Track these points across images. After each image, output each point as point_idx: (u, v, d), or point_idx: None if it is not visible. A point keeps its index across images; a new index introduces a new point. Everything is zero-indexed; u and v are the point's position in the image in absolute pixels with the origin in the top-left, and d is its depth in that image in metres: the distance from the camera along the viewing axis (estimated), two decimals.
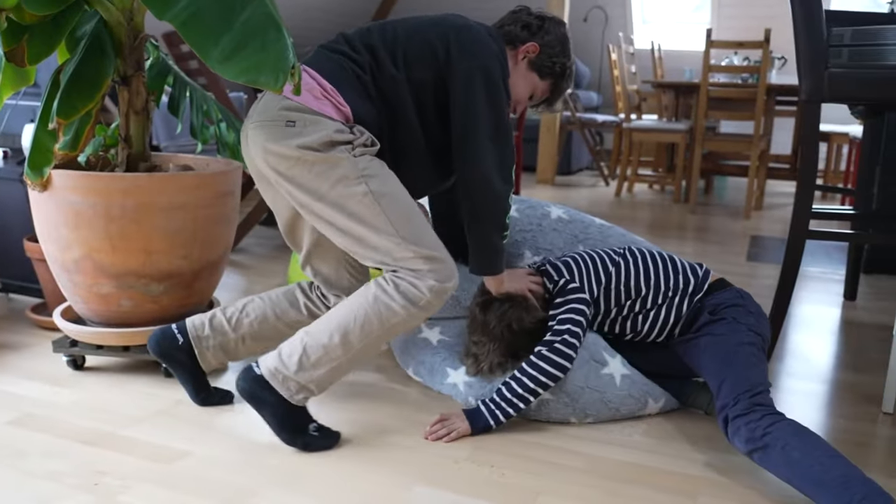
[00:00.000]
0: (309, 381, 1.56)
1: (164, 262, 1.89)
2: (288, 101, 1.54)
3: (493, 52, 1.64)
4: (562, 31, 1.78)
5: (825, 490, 1.37)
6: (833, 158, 5.70)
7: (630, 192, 5.72)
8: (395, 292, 1.55)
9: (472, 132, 1.60)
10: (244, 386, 1.57)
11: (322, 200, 1.55)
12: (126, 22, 1.84)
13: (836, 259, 3.67)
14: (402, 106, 1.61)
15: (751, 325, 1.72)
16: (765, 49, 4.51)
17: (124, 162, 1.96)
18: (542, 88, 1.80)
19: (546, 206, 2.16)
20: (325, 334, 1.55)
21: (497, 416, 1.69)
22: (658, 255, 1.90)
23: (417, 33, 1.63)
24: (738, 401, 1.55)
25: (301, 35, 7.42)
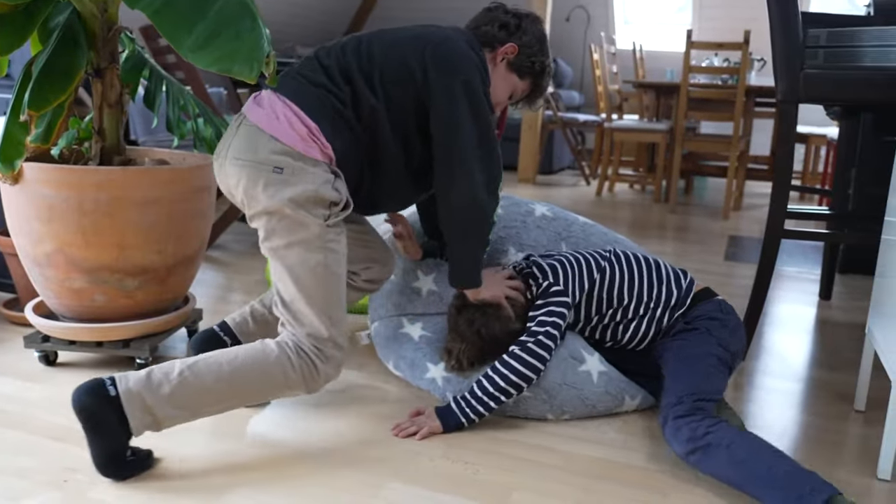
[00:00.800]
0: (165, 418, 1.45)
1: (138, 256, 1.87)
2: (276, 143, 1.49)
3: (473, 63, 1.60)
4: (539, 29, 1.76)
5: (773, 486, 1.38)
6: (811, 160, 5.75)
7: (611, 191, 5.74)
8: (297, 365, 1.51)
9: (457, 150, 1.57)
10: (85, 401, 1.40)
11: (274, 249, 1.52)
12: (100, 13, 1.82)
13: (812, 259, 3.70)
14: (382, 134, 1.58)
15: (722, 339, 1.73)
16: (744, 50, 4.54)
17: (98, 155, 1.94)
18: (521, 88, 1.78)
19: (530, 204, 2.16)
20: (211, 377, 1.47)
21: (468, 415, 1.69)
22: (644, 260, 1.89)
23: (394, 53, 1.58)
24: (682, 402, 1.56)
25: (283, 31, 7.39)
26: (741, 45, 4.55)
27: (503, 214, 2.09)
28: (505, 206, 2.09)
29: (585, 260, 1.87)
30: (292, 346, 1.53)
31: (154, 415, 1.44)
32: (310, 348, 1.53)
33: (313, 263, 1.51)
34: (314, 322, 1.52)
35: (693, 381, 1.62)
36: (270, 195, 1.48)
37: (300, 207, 1.49)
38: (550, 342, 1.71)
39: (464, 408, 1.69)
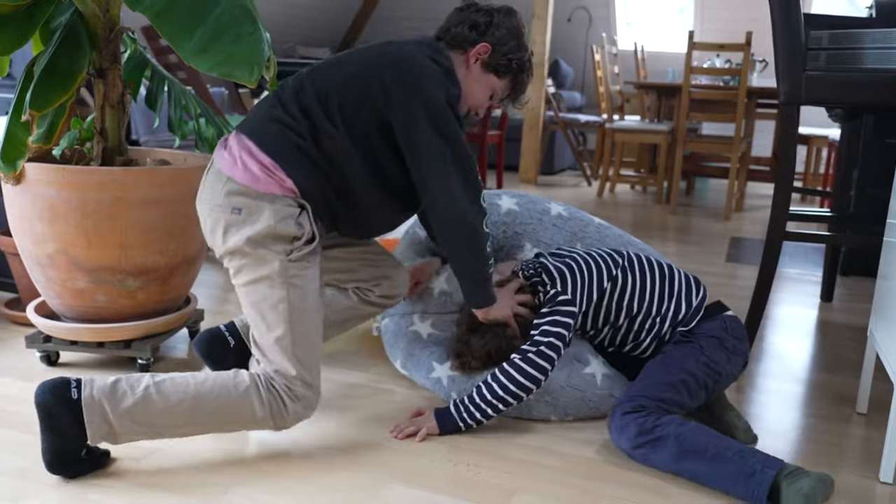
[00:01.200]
0: (123, 432, 1.43)
1: (139, 257, 1.87)
2: (232, 183, 1.49)
3: (434, 79, 1.53)
4: (513, 23, 1.67)
5: (724, 467, 1.46)
6: (812, 161, 5.75)
7: (612, 192, 5.74)
8: (265, 400, 1.49)
9: (429, 171, 1.53)
10: (45, 398, 1.40)
11: (244, 286, 1.53)
12: (102, 14, 1.82)
13: (813, 261, 3.70)
14: (349, 162, 1.54)
15: (713, 359, 1.68)
16: (746, 52, 4.54)
17: (100, 156, 1.94)
18: (501, 86, 1.71)
19: (546, 203, 2.15)
20: (176, 397, 1.45)
21: (466, 420, 1.67)
22: (658, 270, 1.82)
23: (351, 81, 1.53)
24: (633, 399, 1.60)
25: (283, 32, 7.39)
26: (743, 46, 4.55)
27: (519, 211, 2.08)
28: (521, 204, 2.08)
29: (597, 266, 1.80)
30: (263, 381, 1.50)
31: (111, 426, 1.42)
32: (280, 385, 1.50)
33: (276, 300, 1.49)
34: (281, 360, 1.50)
35: (656, 387, 1.62)
36: (231, 235, 1.50)
37: (259, 245, 1.48)
38: (553, 353, 1.67)
39: (462, 412, 1.68)
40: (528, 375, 1.65)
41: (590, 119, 6.18)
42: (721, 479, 1.46)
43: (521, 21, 1.70)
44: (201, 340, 1.81)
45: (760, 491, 1.40)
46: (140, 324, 1.93)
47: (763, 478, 1.41)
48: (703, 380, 1.66)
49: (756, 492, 1.41)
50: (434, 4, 8.19)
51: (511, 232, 2.03)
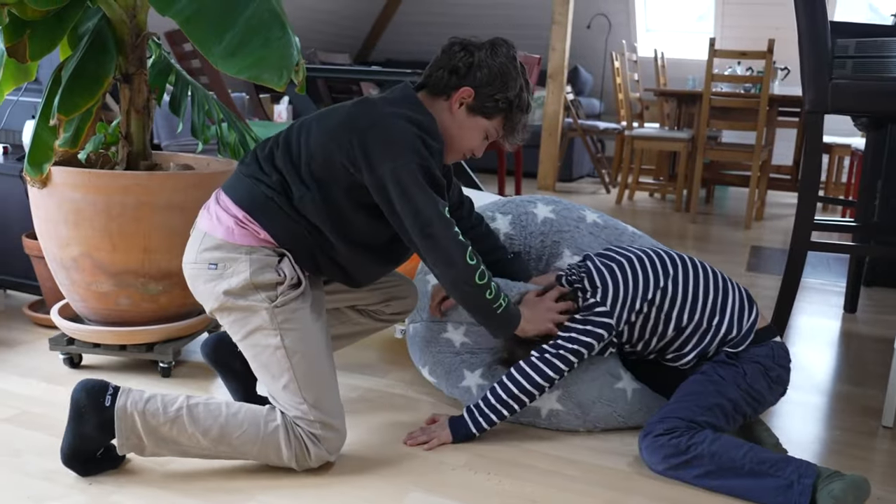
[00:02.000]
0: (150, 446, 1.45)
1: (163, 261, 1.88)
2: (209, 239, 1.50)
3: (406, 142, 1.47)
4: (498, 63, 1.57)
5: (761, 482, 1.46)
6: (834, 170, 5.70)
7: (631, 199, 5.71)
8: (291, 443, 1.47)
9: (412, 237, 1.49)
10: (80, 398, 1.43)
11: (241, 342, 1.53)
12: (129, 19, 1.84)
13: (836, 271, 3.66)
14: (323, 220, 1.51)
15: (754, 386, 1.63)
16: (768, 59, 4.51)
17: (124, 160, 1.95)
18: (494, 126, 1.63)
19: (581, 210, 2.10)
20: (206, 423, 1.46)
21: (479, 424, 1.65)
22: (713, 279, 1.71)
23: (324, 142, 1.50)
24: (666, 421, 1.57)
25: (306, 37, 7.43)
26: (765, 53, 4.52)
27: (555, 219, 2.03)
28: (556, 211, 2.04)
29: (645, 273, 1.69)
30: (290, 425, 1.49)
31: (140, 439, 1.44)
32: (303, 431, 1.48)
33: (272, 348, 1.48)
34: (295, 406, 1.48)
35: (691, 409, 1.59)
36: (210, 291, 1.50)
37: (240, 298, 1.48)
38: (574, 358, 1.64)
39: (476, 416, 1.66)
40: (543, 374, 1.63)
41: (609, 126, 6.16)
42: (759, 495, 1.46)
43: (510, 54, 1.60)
44: (207, 345, 1.80)
45: (803, 498, 1.43)
46: (162, 327, 1.94)
47: (802, 488, 1.43)
48: (741, 407, 1.62)
49: (798, 500, 1.43)
50: (452, 9, 8.22)
51: (549, 241, 2.00)
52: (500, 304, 1.57)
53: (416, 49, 8.61)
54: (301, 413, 1.48)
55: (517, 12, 7.93)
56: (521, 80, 1.61)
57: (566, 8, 5.67)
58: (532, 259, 1.98)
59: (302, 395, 1.48)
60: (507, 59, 1.59)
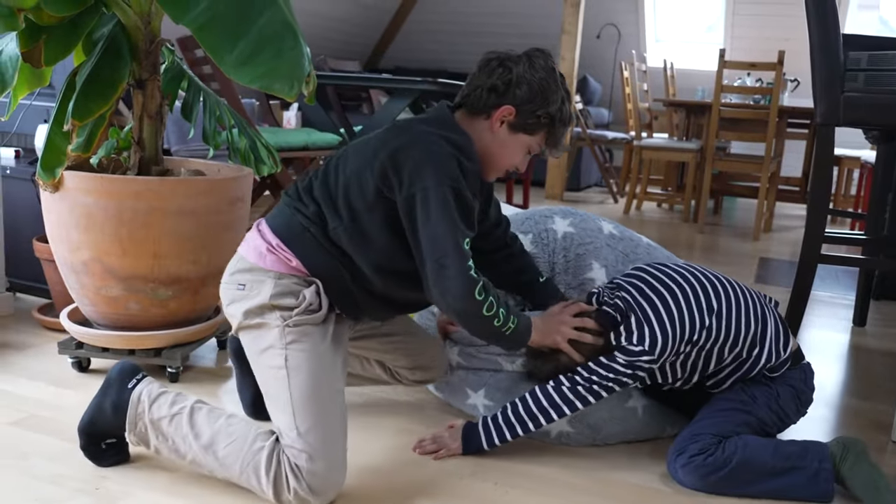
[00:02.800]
0: (153, 439, 1.47)
1: (172, 266, 1.88)
2: (243, 261, 1.53)
3: (441, 162, 1.44)
4: (537, 76, 1.54)
5: (791, 479, 1.54)
6: (843, 183, 5.68)
7: (639, 209, 5.71)
8: (271, 469, 1.39)
9: (426, 266, 1.45)
10: (112, 375, 1.51)
11: (254, 362, 1.52)
12: (143, 26, 1.85)
13: (845, 284, 3.65)
14: (356, 251, 1.49)
15: (783, 412, 1.65)
16: (778, 71, 4.51)
17: (136, 165, 1.96)
18: (536, 142, 1.60)
19: (596, 220, 2.06)
20: (201, 427, 1.45)
21: (492, 438, 1.63)
22: (752, 306, 1.65)
23: (356, 175, 1.49)
24: (698, 440, 1.58)
25: (316, 44, 7.46)
26: (775, 65, 4.52)
27: (575, 233, 1.98)
28: (575, 224, 2.00)
29: (689, 311, 1.59)
30: (278, 450, 1.41)
31: (146, 429, 1.47)
32: (288, 460, 1.40)
33: (276, 368, 1.46)
34: (287, 432, 1.42)
35: (722, 425, 1.60)
36: (234, 311, 1.51)
37: (257, 316, 1.48)
38: (605, 393, 1.59)
39: (490, 430, 1.63)
40: (570, 403, 1.59)
41: (617, 136, 6.16)
42: (793, 491, 1.55)
43: (549, 66, 1.57)
44: (236, 338, 1.80)
45: (829, 487, 1.54)
46: (171, 332, 1.94)
47: (826, 474, 1.54)
48: (769, 426, 1.65)
49: (825, 489, 1.54)
50: (463, 18, 8.24)
51: (573, 255, 1.95)
52: (508, 327, 1.52)
53: (426, 57, 8.63)
54: (290, 441, 1.40)
55: (527, 21, 7.95)
56: (562, 91, 1.58)
57: (576, 17, 5.68)
58: (559, 273, 1.94)
59: (295, 420, 1.41)
60: (547, 71, 1.55)
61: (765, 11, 6.92)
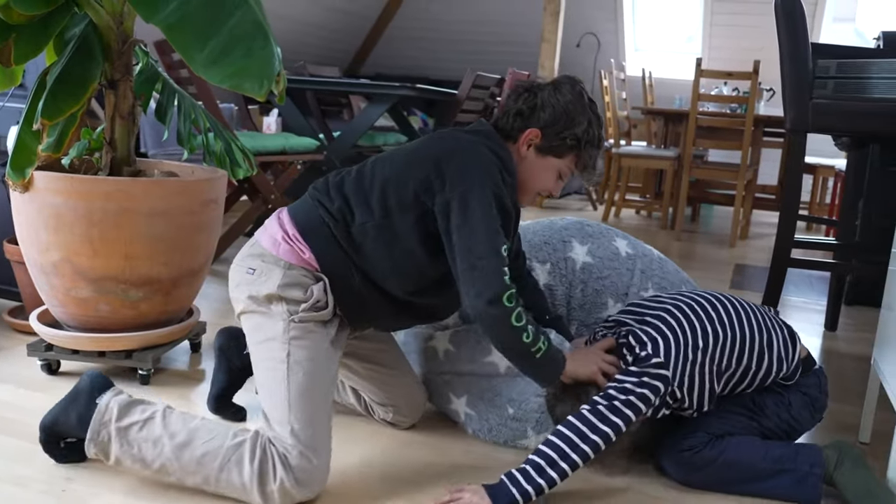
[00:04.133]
0: (115, 449, 1.42)
1: (143, 267, 1.87)
2: (257, 246, 1.54)
3: (488, 167, 1.47)
4: (562, 100, 1.56)
5: (779, 481, 1.56)
6: (818, 191, 5.75)
7: (617, 216, 5.74)
8: (256, 458, 1.38)
9: (458, 267, 1.44)
10: (84, 383, 1.49)
11: (253, 349, 1.53)
12: (115, 26, 1.84)
13: (818, 290, 3.69)
14: (376, 249, 1.50)
15: (795, 420, 1.63)
16: (753, 80, 4.56)
17: (108, 166, 1.95)
18: (566, 165, 1.60)
19: (612, 241, 1.97)
20: (175, 427, 1.42)
21: (526, 491, 1.41)
22: (755, 317, 1.63)
23: (398, 175, 1.50)
24: (690, 437, 1.60)
25: (296, 51, 7.46)
26: (750, 74, 4.57)
27: (592, 263, 1.92)
28: (593, 252, 1.92)
29: (688, 321, 1.57)
30: (261, 440, 1.41)
31: (109, 438, 1.42)
32: (276, 450, 1.40)
33: (276, 361, 1.46)
34: (278, 425, 1.42)
35: (718, 427, 1.60)
36: (240, 294, 1.53)
37: (263, 304, 1.49)
38: (629, 412, 1.46)
39: (521, 483, 1.41)
40: (598, 431, 1.44)
41: None
42: (780, 493, 1.57)
43: (576, 90, 1.58)
44: (225, 331, 1.82)
45: (816, 492, 1.55)
46: (142, 334, 1.93)
47: (815, 479, 1.55)
48: (774, 433, 1.64)
49: (812, 493, 1.56)
50: (444, 26, 8.27)
51: (591, 290, 1.90)
52: (538, 347, 1.46)
53: (407, 64, 8.65)
54: (282, 434, 1.40)
55: (508, 29, 7.99)
56: (590, 114, 1.59)
57: (555, 26, 5.72)
58: (575, 308, 1.90)
59: (290, 416, 1.41)
60: (573, 95, 1.58)
61: (742, 22, 7.01)
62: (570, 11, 7.00)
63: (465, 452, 1.71)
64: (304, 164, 4.00)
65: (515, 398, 1.77)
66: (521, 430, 1.76)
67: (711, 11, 7.10)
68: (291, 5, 7.06)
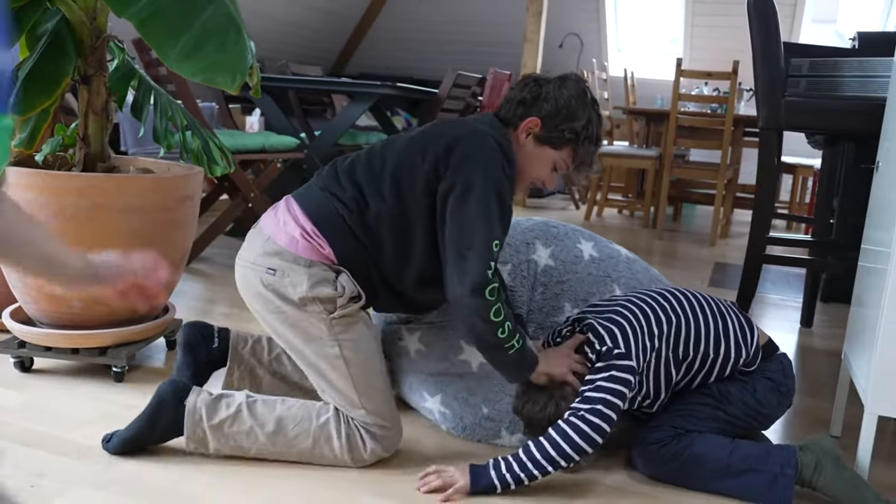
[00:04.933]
0: (213, 442, 1.53)
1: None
2: (271, 243, 1.53)
3: (494, 156, 1.51)
4: (566, 93, 1.59)
5: (747, 480, 1.54)
6: (798, 190, 5.80)
7: (599, 216, 5.77)
8: (343, 433, 1.53)
9: (447, 253, 1.49)
10: (167, 393, 1.54)
11: (294, 350, 1.57)
12: (88, 21, 1.83)
13: (795, 287, 3.72)
14: (390, 236, 1.53)
15: (761, 405, 1.62)
16: (733, 80, 4.60)
17: (81, 162, 1.94)
18: (562, 158, 1.63)
19: (577, 244, 1.96)
20: (263, 418, 1.54)
21: (505, 479, 1.48)
22: (708, 306, 1.67)
23: (407, 160, 1.54)
24: (657, 430, 1.60)
25: (277, 49, 7.44)
26: (730, 74, 4.61)
27: (553, 265, 1.92)
28: (554, 254, 1.92)
29: (643, 312, 1.61)
30: (344, 418, 1.55)
31: (205, 434, 1.52)
32: (358, 423, 1.55)
33: (332, 357, 1.53)
34: (351, 409, 1.54)
35: (684, 419, 1.61)
36: (265, 295, 1.53)
37: (298, 308, 1.51)
38: (610, 412, 1.49)
39: (502, 471, 1.49)
40: (585, 436, 1.47)
41: None
42: (747, 493, 1.55)
43: (580, 88, 1.62)
44: (191, 324, 1.80)
45: (787, 494, 1.52)
46: (115, 331, 1.92)
47: (786, 481, 1.52)
48: (742, 422, 1.63)
49: (782, 495, 1.52)
50: (428, 26, 8.28)
51: (550, 293, 1.89)
52: (512, 345, 1.50)
53: (391, 64, 8.65)
54: (359, 416, 1.54)
55: (491, 29, 8.01)
56: (591, 112, 1.62)
57: (538, 26, 5.74)
58: (533, 311, 1.90)
59: (361, 402, 1.53)
60: (577, 91, 1.61)
61: (723, 23, 7.06)
62: (553, 12, 7.03)
63: (440, 446, 1.72)
64: (285, 162, 4.00)
65: (490, 398, 1.77)
66: (495, 429, 1.76)
67: (693, 13, 7.16)
68: (272, 4, 7.04)
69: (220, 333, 1.81)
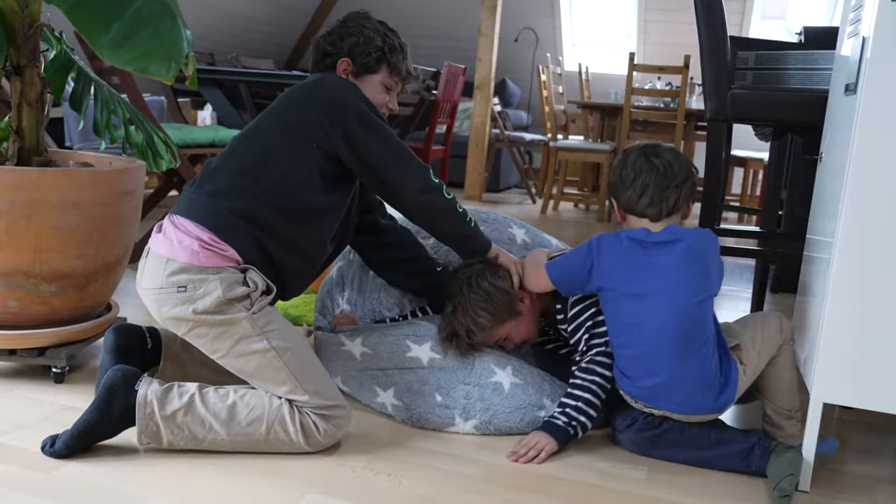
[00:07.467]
0: (166, 434, 1.50)
1: (55, 261, 1.80)
2: (173, 263, 1.53)
3: (352, 92, 1.68)
4: (356, 25, 1.78)
5: (727, 448, 1.63)
6: (749, 183, 5.90)
7: (556, 209, 5.79)
8: (296, 417, 1.54)
9: (382, 175, 1.66)
10: (116, 380, 1.50)
11: (226, 356, 1.56)
12: (20, 9, 1.76)
13: (746, 278, 3.78)
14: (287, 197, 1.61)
15: None
16: (684, 74, 4.66)
17: (15, 155, 1.87)
18: (384, 78, 1.81)
19: (509, 227, 2.08)
20: (216, 406, 1.52)
21: (575, 426, 1.67)
22: None
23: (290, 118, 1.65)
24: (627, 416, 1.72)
25: (231, 43, 7.32)
26: (682, 68, 4.66)
27: None
28: (488, 234, 1.96)
29: None
30: (294, 405, 1.56)
31: (158, 428, 1.49)
32: (308, 408, 1.55)
33: (262, 352, 1.54)
34: (295, 396, 1.55)
35: None
36: (182, 314, 1.52)
37: (216, 314, 1.51)
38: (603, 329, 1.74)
39: (570, 419, 1.67)
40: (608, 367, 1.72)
41: (535, 137, 6.24)
42: (726, 462, 1.64)
43: (362, 15, 1.81)
44: (118, 329, 1.73)
45: (763, 462, 1.61)
46: (55, 331, 1.85)
47: (762, 451, 1.61)
48: None
49: (759, 464, 1.61)
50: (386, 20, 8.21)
51: None
52: (469, 217, 1.76)
53: None
54: (304, 400, 1.54)
55: (446, 24, 7.99)
56: (382, 28, 1.81)
57: (493, 21, 5.73)
58: None
59: (302, 388, 1.54)
60: (360, 19, 1.80)
61: (676, 18, 7.14)
62: (508, 7, 7.03)
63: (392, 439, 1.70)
64: None
65: (444, 386, 1.77)
66: (448, 416, 1.75)
67: (646, 8, 7.23)
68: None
69: (151, 332, 1.76)
